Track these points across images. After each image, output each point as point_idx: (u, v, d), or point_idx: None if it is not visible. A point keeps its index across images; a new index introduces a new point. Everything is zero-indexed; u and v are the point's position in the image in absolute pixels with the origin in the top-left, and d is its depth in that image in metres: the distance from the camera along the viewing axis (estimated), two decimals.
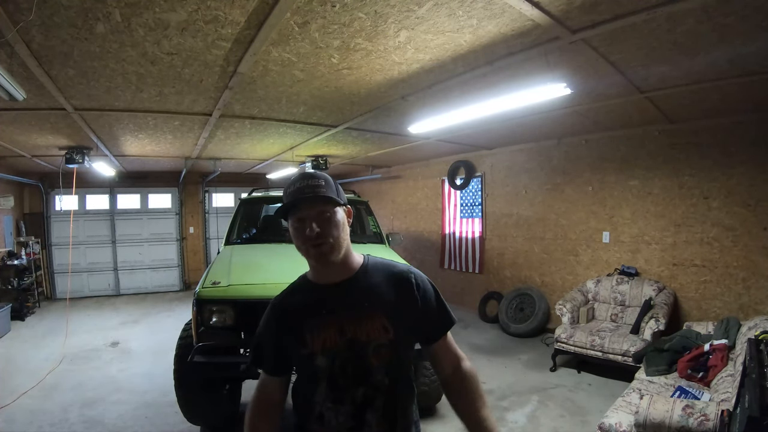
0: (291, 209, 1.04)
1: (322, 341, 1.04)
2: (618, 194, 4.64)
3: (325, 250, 1.03)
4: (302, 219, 1.03)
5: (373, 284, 1.10)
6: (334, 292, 1.08)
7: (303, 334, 1.05)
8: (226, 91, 2.92)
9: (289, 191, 1.05)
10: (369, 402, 1.03)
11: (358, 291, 1.08)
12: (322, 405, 1.03)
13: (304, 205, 1.03)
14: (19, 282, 6.12)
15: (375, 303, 1.07)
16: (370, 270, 1.13)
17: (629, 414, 2.36)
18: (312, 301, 1.09)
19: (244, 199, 4.61)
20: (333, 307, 1.07)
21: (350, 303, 1.07)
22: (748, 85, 2.83)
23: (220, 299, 2.58)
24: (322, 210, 1.04)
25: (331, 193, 1.05)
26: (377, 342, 1.04)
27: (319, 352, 1.03)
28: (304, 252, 1.06)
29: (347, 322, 1.04)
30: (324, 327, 1.05)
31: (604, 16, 1.94)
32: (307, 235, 1.02)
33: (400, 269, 1.15)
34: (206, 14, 1.86)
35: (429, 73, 2.70)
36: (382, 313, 1.06)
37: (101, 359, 4.51)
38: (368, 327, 1.04)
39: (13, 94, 2.28)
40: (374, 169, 8.32)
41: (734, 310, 3.72)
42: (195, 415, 2.91)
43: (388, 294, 1.09)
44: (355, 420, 1.02)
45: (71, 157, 4.73)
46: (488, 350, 4.76)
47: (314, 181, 1.05)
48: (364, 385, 1.03)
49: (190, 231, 8.77)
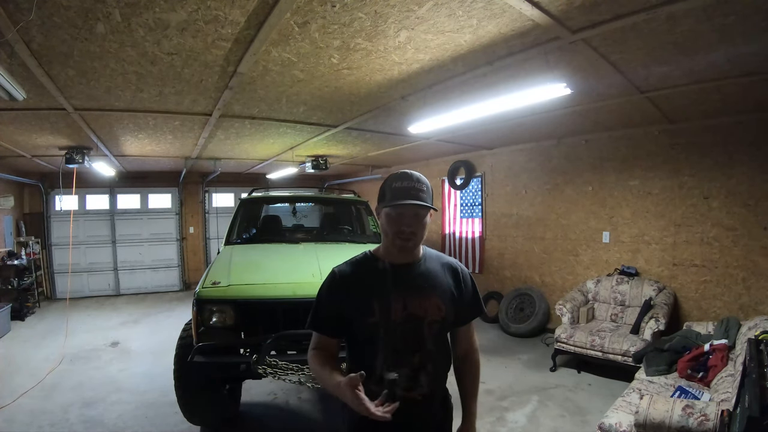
0: (393, 201, 1.20)
1: (387, 312, 1.20)
2: (618, 194, 4.64)
3: (411, 245, 1.24)
4: (401, 214, 1.20)
5: (431, 270, 1.30)
6: (401, 272, 1.26)
7: (372, 305, 1.21)
8: (226, 91, 2.92)
9: (396, 186, 1.22)
10: (423, 366, 1.21)
11: (421, 274, 1.28)
12: (382, 369, 1.18)
13: (408, 204, 1.19)
14: (19, 282, 6.12)
15: (433, 285, 1.27)
16: (428, 257, 1.33)
17: (629, 414, 2.35)
18: (381, 276, 1.25)
19: (244, 199, 4.61)
20: (400, 284, 1.24)
21: (414, 283, 1.26)
22: (748, 85, 2.83)
23: (220, 299, 2.58)
24: (419, 213, 1.22)
25: (429, 201, 1.24)
26: (432, 318, 1.24)
27: (383, 322, 1.19)
28: (390, 239, 1.24)
29: (410, 299, 1.23)
30: (391, 300, 1.21)
31: (604, 16, 1.94)
32: (402, 230, 1.20)
33: (450, 260, 1.38)
34: (206, 14, 1.85)
35: (429, 73, 2.70)
36: (438, 294, 1.26)
37: (101, 359, 4.51)
38: (426, 305, 1.24)
39: (13, 94, 2.28)
40: (374, 169, 8.32)
41: (734, 310, 3.72)
42: (195, 415, 2.90)
43: (443, 280, 1.30)
44: (411, 381, 1.20)
45: (71, 157, 4.73)
46: (488, 350, 4.76)
47: (419, 185, 1.22)
48: (420, 353, 1.22)
49: (190, 231, 8.77)
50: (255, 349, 2.48)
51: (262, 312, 2.58)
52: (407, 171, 1.25)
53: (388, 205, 1.21)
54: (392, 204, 1.19)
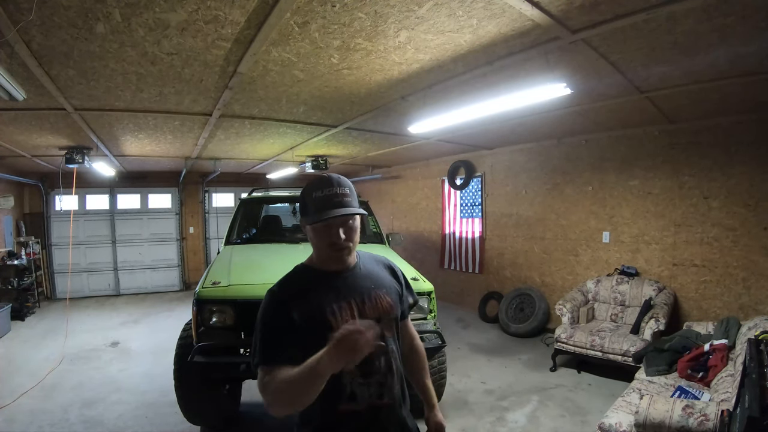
0: (317, 215, 1.12)
1: (345, 322, 1.10)
2: (618, 194, 4.64)
3: (346, 253, 1.18)
4: (330, 225, 1.13)
5: (371, 270, 1.27)
6: (345, 278, 1.20)
7: (326, 319, 1.12)
8: (226, 91, 2.92)
9: (317, 196, 1.13)
10: (389, 367, 1.18)
11: (363, 276, 1.23)
12: (352, 383, 1.13)
13: (333, 214, 1.11)
14: (19, 282, 6.12)
15: (378, 284, 1.24)
16: (364, 259, 1.29)
17: (629, 414, 2.35)
18: (326, 287, 1.18)
19: (244, 199, 4.61)
20: (346, 291, 1.18)
21: (360, 286, 1.21)
22: (748, 85, 2.83)
23: (220, 299, 2.58)
24: (348, 219, 1.15)
25: (356, 204, 1.17)
26: (387, 317, 1.21)
27: None
28: (324, 252, 1.17)
29: (362, 303, 1.18)
30: (344, 308, 1.15)
31: (604, 16, 1.94)
32: (334, 242, 1.14)
33: (383, 258, 1.37)
34: (206, 14, 1.86)
35: (429, 73, 2.70)
36: (385, 291, 1.24)
37: (101, 359, 4.51)
38: (378, 304, 1.20)
39: (13, 94, 2.28)
40: (374, 169, 8.32)
41: (734, 310, 3.72)
42: (195, 415, 2.90)
43: (384, 278, 1.29)
44: (382, 387, 1.16)
45: (71, 157, 4.73)
46: (488, 350, 4.76)
47: (342, 190, 1.15)
48: (385, 355, 1.18)
49: (190, 231, 8.77)
50: None
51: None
52: (325, 176, 1.16)
53: (312, 222, 1.13)
54: (318, 220, 1.12)
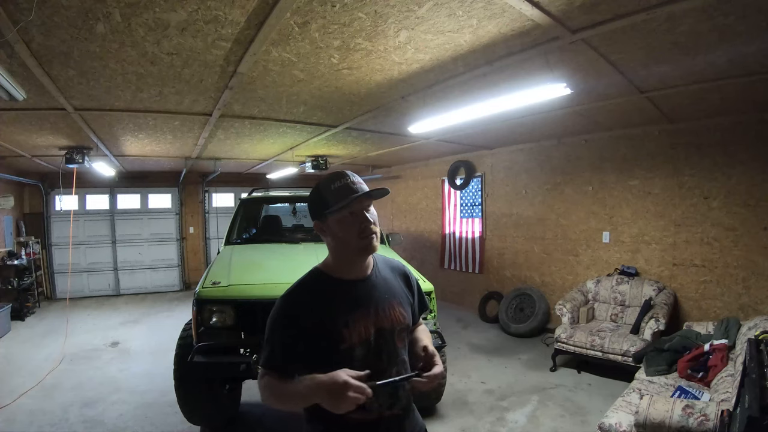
0: (342, 200, 1.08)
1: (358, 334, 1.10)
2: (618, 194, 4.64)
3: (377, 242, 1.14)
4: (355, 213, 1.10)
5: (386, 277, 1.24)
6: (361, 287, 1.17)
7: (340, 330, 1.09)
8: (226, 91, 2.92)
9: (336, 186, 1.09)
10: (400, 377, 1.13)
11: (378, 284, 1.20)
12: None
13: (357, 201, 1.09)
14: (19, 282, 6.12)
15: (392, 293, 1.21)
16: (380, 264, 1.25)
17: (629, 414, 2.36)
18: (342, 297, 1.14)
19: (244, 199, 4.61)
20: (363, 301, 1.15)
21: (375, 295, 1.17)
22: (748, 85, 2.83)
23: (220, 299, 2.59)
24: (370, 205, 1.13)
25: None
26: (399, 327, 1.18)
27: (357, 344, 1.10)
28: (355, 245, 1.11)
29: (376, 313, 1.14)
30: (358, 320, 1.11)
31: (604, 16, 1.94)
32: (364, 226, 1.10)
33: (398, 264, 1.33)
34: (206, 14, 1.85)
35: (429, 73, 2.70)
36: (398, 302, 1.21)
37: (101, 359, 4.51)
38: (391, 315, 1.17)
39: (13, 94, 2.28)
40: (374, 169, 8.32)
41: (734, 310, 3.72)
42: (195, 415, 2.91)
43: (398, 285, 1.26)
44: (392, 398, 1.14)
45: (71, 157, 4.73)
46: (488, 350, 4.76)
47: (356, 178, 1.13)
48: (396, 366, 1.16)
49: (190, 231, 8.76)
50: (255, 349, 2.48)
51: (262, 312, 2.57)
52: (337, 171, 1.14)
53: (337, 208, 1.07)
54: (347, 203, 1.07)
